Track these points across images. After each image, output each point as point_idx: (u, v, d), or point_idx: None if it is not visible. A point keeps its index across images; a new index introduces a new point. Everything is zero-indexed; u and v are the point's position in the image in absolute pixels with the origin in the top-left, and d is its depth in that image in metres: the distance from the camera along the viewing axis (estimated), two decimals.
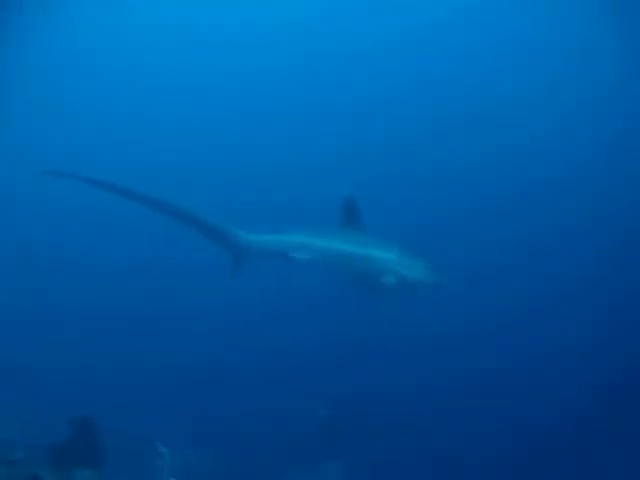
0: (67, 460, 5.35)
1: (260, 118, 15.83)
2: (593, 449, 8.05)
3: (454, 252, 9.31)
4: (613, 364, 9.32)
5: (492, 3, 16.13)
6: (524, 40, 15.86)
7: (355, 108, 15.77)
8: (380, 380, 9.23)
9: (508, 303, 10.20)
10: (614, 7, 12.67)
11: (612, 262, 11.32)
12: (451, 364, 9.31)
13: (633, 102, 13.92)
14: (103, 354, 10.01)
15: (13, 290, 11.40)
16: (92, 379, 9.20)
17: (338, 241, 7.07)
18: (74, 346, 10.17)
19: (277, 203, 12.88)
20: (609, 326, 9.96)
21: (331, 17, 17.20)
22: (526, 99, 15.41)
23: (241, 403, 9.00)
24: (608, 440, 8.20)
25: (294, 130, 15.60)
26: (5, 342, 9.01)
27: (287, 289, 9.54)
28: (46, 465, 5.19)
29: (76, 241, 13.38)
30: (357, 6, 17.01)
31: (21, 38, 12.87)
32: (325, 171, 14.23)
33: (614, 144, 14.03)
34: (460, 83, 15.77)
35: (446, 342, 9.34)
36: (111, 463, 5.76)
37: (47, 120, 15.73)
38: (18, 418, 6.98)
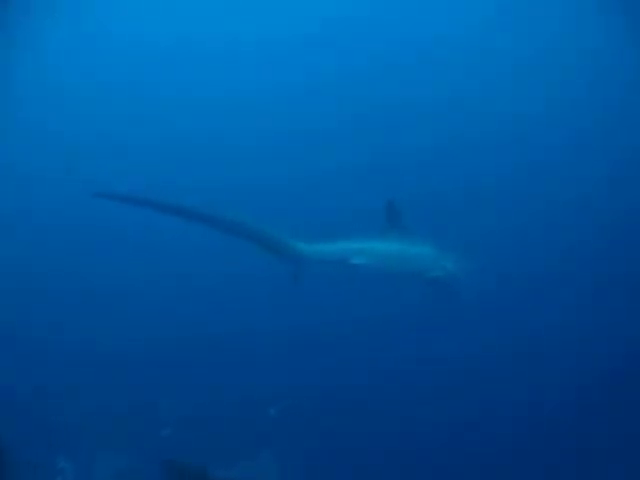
0: None
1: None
2: (593, 434, 8.01)
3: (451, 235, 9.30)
4: (613, 348, 9.28)
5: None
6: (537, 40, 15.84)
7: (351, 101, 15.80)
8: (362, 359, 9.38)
9: (505, 287, 10.15)
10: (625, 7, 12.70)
11: (613, 246, 11.27)
12: (446, 348, 9.31)
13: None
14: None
15: None
16: None
17: (391, 244, 7.65)
18: None
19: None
20: (609, 310, 9.90)
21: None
22: (529, 89, 15.38)
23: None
24: (608, 425, 8.16)
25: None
26: None
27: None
28: None
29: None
30: None
31: (26, 40, 13.13)
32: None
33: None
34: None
35: (441, 325, 9.33)
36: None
37: (50, 121, 15.87)
38: None
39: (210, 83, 16.91)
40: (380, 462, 8.17)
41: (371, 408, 8.89)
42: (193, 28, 17.21)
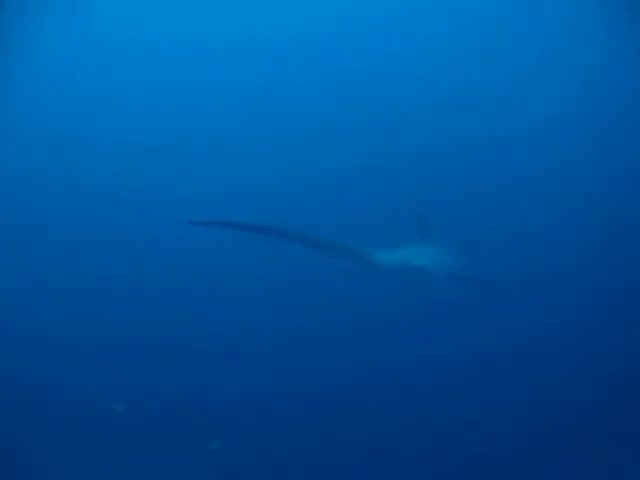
0: None
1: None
2: (594, 436, 7.98)
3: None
4: (615, 350, 9.23)
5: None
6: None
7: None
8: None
9: (504, 285, 10.09)
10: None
11: (615, 246, 11.21)
12: (443, 348, 9.29)
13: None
14: None
15: None
16: None
17: (440, 248, 8.66)
18: None
19: None
20: (610, 311, 9.85)
21: None
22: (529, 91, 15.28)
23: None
24: (609, 427, 8.12)
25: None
26: None
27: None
28: None
29: None
30: None
31: (22, 40, 13.08)
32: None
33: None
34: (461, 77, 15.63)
35: (439, 324, 9.35)
36: None
37: (47, 121, 15.78)
38: None
39: (212, 83, 16.77)
40: (380, 464, 8.15)
41: (371, 409, 8.87)
42: (197, 26, 17.04)
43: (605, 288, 10.25)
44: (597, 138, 13.80)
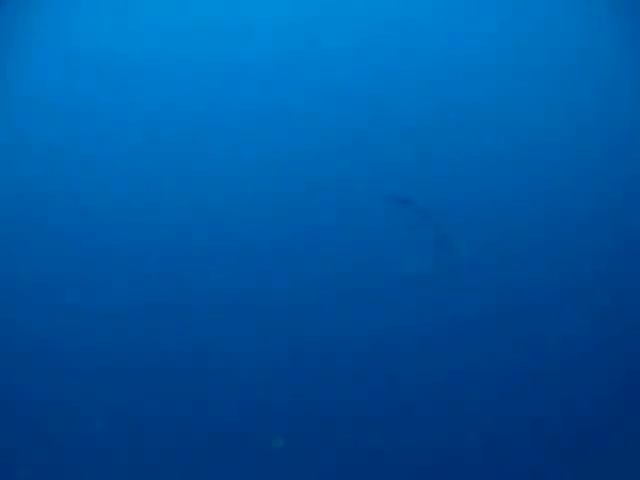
0: None
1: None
2: (596, 449, 7.87)
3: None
4: (615, 363, 9.13)
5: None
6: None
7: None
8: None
9: (507, 297, 10.05)
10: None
11: (618, 257, 11.10)
12: (442, 363, 9.18)
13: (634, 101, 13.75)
14: None
15: None
16: None
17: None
18: None
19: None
20: (613, 321, 9.76)
21: None
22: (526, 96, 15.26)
23: None
24: (610, 441, 8.01)
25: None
26: None
27: None
28: None
29: None
30: None
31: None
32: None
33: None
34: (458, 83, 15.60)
35: (434, 338, 9.24)
36: None
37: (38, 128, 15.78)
38: None
39: (233, 98, 16.58)
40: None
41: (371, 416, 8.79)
42: (212, 37, 16.87)
43: (616, 299, 10.16)
44: (607, 151, 13.72)
